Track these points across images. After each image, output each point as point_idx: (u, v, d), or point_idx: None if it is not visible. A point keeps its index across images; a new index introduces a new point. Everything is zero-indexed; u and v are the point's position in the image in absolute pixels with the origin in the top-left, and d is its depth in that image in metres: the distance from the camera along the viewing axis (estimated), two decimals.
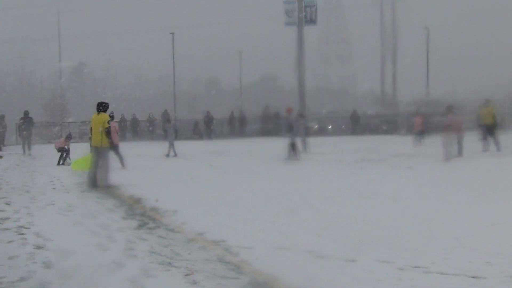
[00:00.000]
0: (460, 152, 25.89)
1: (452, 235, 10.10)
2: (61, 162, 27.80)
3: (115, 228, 11.33)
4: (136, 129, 54.99)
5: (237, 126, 57.06)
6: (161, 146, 33.30)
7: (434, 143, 29.21)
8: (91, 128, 18.29)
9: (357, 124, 56.88)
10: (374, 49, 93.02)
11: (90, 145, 18.39)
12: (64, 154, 28.15)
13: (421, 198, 14.84)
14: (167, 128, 33.69)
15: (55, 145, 28.98)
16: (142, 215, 12.95)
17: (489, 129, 28.43)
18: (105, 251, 9.41)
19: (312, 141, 34.92)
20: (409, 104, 66.37)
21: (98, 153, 17.94)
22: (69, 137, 29.61)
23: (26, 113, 37.15)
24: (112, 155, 24.05)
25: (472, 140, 27.76)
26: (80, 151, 26.13)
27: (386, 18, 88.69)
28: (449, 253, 8.83)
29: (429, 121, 38.60)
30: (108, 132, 17.88)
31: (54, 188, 18.29)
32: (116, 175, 18.59)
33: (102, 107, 18.18)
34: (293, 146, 27.53)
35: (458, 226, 11.08)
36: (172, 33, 65.16)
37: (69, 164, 27.20)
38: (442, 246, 9.30)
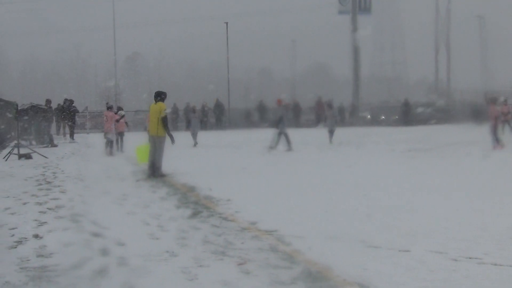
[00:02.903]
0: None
1: (507, 226, 9.99)
2: (119, 148, 28.11)
3: (168, 217, 11.42)
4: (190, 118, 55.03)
5: (290, 116, 56.97)
6: (214, 136, 33.44)
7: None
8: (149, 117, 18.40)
9: (408, 114, 56.15)
10: (428, 37, 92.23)
11: (149, 134, 18.46)
12: (119, 140, 28.44)
13: (472, 188, 14.71)
14: (191, 118, 34.08)
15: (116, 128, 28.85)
16: (196, 203, 13.02)
17: None
18: (158, 239, 9.50)
19: (365, 131, 34.75)
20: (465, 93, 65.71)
21: (154, 142, 18.04)
22: (120, 110, 29.81)
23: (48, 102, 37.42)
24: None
25: None
26: (135, 140, 26.44)
27: (440, 5, 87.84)
28: (503, 244, 8.73)
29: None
30: (164, 121, 17.97)
31: (108, 177, 18.50)
32: (170, 164, 18.71)
33: (159, 96, 18.28)
34: (285, 137, 27.56)
35: None
36: (226, 23, 65.29)
37: (118, 151, 27.49)
38: (496, 236, 9.20)
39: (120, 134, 28.63)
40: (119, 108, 30.64)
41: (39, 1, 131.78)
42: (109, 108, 29.29)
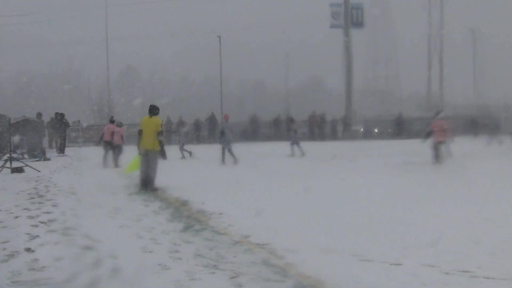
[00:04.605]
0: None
1: (499, 238, 10.00)
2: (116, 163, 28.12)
3: (161, 231, 11.40)
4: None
5: (284, 129, 56.96)
6: (207, 149, 33.52)
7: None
8: (139, 130, 18.32)
9: (402, 127, 56.20)
10: (421, 51, 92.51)
11: (138, 147, 18.42)
12: (116, 151, 28.51)
13: (466, 200, 14.74)
14: (180, 133, 35.30)
15: (114, 141, 28.97)
16: (189, 217, 13.01)
17: None
18: (151, 252, 9.48)
19: (358, 144, 34.78)
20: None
21: (149, 156, 18.01)
22: (119, 125, 29.91)
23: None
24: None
25: None
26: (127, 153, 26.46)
27: (433, 19, 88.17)
28: (496, 257, 8.74)
29: None
30: (161, 136, 18.01)
31: (101, 190, 18.46)
32: (163, 178, 18.69)
33: (155, 110, 18.28)
34: (229, 151, 28.09)
35: (506, 229, 10.98)
36: (219, 36, 65.47)
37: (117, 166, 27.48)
38: (489, 249, 9.21)
39: (118, 147, 28.68)
40: (118, 123, 30.70)
41: (32, 14, 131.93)
42: (112, 122, 29.81)
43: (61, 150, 39.02)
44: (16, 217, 13.18)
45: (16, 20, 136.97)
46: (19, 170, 24.31)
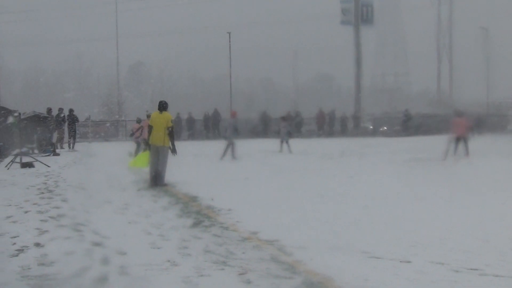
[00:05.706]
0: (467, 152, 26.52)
1: (508, 236, 9.98)
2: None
3: (170, 227, 11.41)
4: (192, 128, 55.07)
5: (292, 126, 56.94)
6: (215, 145, 33.51)
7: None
8: (149, 126, 18.29)
9: (409, 124, 55.87)
10: (430, 49, 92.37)
11: (147, 143, 18.41)
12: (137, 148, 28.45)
13: (474, 197, 14.70)
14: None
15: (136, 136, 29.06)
16: (198, 213, 13.02)
17: None
18: (159, 249, 9.49)
19: (367, 141, 34.73)
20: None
21: (159, 152, 18.00)
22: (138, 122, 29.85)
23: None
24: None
25: None
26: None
27: (443, 17, 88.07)
28: (504, 255, 8.73)
29: None
30: (171, 131, 17.99)
31: (110, 186, 18.48)
32: (172, 173, 18.70)
33: (165, 106, 18.22)
34: (231, 147, 28.47)
35: None
36: (229, 33, 65.43)
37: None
38: (498, 247, 9.20)
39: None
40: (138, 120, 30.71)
41: (42, 11, 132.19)
42: (149, 117, 29.81)
43: (70, 145, 39.08)
44: (26, 212, 13.22)
45: (25, 16, 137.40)
46: (29, 165, 24.35)
